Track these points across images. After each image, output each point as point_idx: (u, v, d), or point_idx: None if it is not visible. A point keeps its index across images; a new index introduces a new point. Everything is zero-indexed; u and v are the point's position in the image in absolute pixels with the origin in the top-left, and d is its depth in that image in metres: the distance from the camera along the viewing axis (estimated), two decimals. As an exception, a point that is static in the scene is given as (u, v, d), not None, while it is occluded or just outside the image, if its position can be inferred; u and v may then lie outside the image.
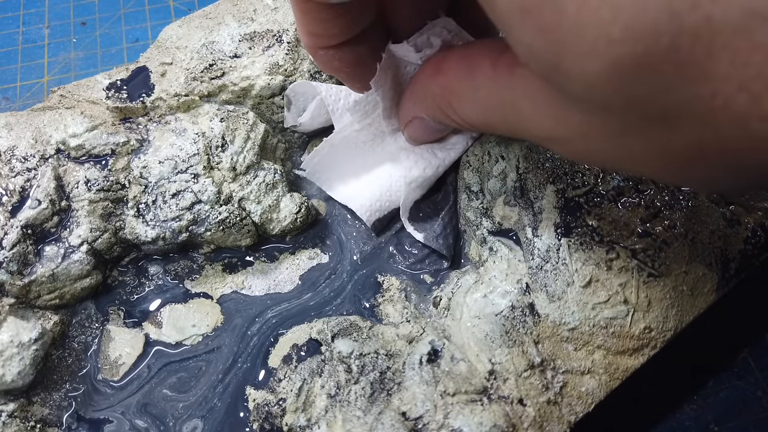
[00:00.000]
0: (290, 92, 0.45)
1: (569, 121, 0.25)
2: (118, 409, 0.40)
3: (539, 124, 0.27)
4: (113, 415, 0.39)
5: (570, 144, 0.26)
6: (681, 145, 0.21)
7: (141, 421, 0.39)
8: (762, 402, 0.45)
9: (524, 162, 0.40)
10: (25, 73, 0.62)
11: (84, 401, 0.40)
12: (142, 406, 0.40)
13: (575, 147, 0.26)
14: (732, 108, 0.18)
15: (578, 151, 0.27)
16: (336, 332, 0.39)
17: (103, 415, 0.39)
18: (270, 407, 0.38)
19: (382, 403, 0.35)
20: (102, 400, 0.40)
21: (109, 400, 0.40)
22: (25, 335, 0.38)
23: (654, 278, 0.36)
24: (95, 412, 0.39)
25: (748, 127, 0.19)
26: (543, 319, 0.37)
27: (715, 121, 0.19)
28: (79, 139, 0.42)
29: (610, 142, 0.24)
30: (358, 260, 0.45)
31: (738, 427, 0.45)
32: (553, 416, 0.35)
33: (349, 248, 0.46)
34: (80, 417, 0.39)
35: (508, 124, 0.29)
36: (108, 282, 0.43)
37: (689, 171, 0.23)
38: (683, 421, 0.45)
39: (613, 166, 0.27)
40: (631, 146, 0.23)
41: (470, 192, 0.43)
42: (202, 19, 0.48)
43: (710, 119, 0.19)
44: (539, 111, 0.26)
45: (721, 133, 0.20)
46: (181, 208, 0.41)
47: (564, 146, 0.27)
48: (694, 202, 0.39)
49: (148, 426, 0.39)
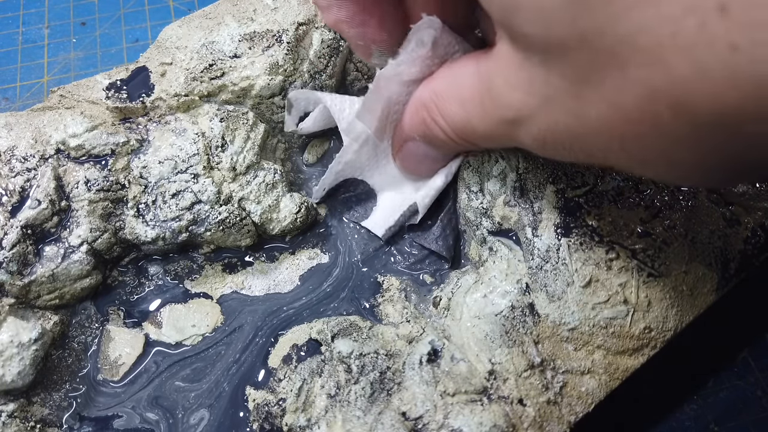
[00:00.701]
0: (292, 97, 0.45)
1: (534, 85, 0.26)
2: (118, 409, 0.40)
3: (511, 101, 0.28)
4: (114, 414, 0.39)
5: (536, 123, 0.27)
6: (632, 99, 0.21)
7: (140, 420, 0.39)
8: (762, 402, 0.45)
9: (524, 162, 0.40)
10: (24, 73, 0.62)
11: (84, 401, 0.40)
12: (142, 406, 0.40)
13: (540, 127, 0.27)
14: (679, 36, 0.18)
15: (544, 135, 0.28)
16: (336, 332, 0.39)
17: (103, 414, 0.39)
18: (270, 407, 0.38)
19: (382, 403, 0.35)
20: (102, 400, 0.40)
21: (109, 401, 0.40)
22: (25, 335, 0.38)
23: (654, 278, 0.36)
24: (99, 411, 0.39)
25: (696, 58, 0.18)
26: (543, 319, 0.37)
27: (663, 56, 0.19)
28: (79, 139, 0.42)
29: (569, 109, 0.25)
30: (358, 260, 0.45)
31: (738, 427, 0.45)
32: (553, 416, 0.35)
33: (348, 248, 0.46)
34: (81, 417, 0.39)
35: (486, 115, 0.30)
36: (108, 282, 0.43)
37: (647, 144, 0.23)
38: (683, 421, 0.45)
39: (575, 150, 0.27)
40: (588, 112, 0.24)
41: (470, 192, 0.43)
42: (202, 19, 0.48)
43: (659, 55, 0.19)
44: (510, 83, 0.27)
45: (671, 73, 0.19)
46: (181, 208, 0.41)
47: (531, 130, 0.28)
48: (694, 202, 0.39)
49: (148, 424, 0.39)
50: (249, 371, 0.40)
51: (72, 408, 0.39)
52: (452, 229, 0.44)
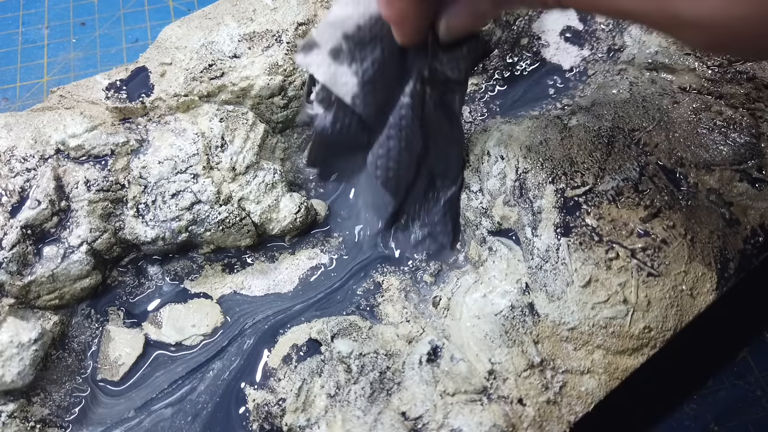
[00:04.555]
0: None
1: None
2: (118, 409, 0.40)
3: None
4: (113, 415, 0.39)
5: None
6: None
7: (138, 419, 0.39)
8: (762, 401, 0.45)
9: (523, 162, 0.40)
10: (24, 74, 0.62)
11: (84, 402, 0.40)
12: (142, 405, 0.40)
13: None
14: None
15: None
16: (336, 332, 0.39)
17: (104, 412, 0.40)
18: (270, 407, 0.38)
19: (381, 403, 0.35)
20: (102, 399, 0.40)
21: (109, 401, 0.40)
22: (25, 336, 0.38)
23: (653, 278, 0.36)
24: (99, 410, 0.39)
25: None
26: (542, 319, 0.37)
27: None
28: (79, 140, 0.42)
29: None
30: (358, 260, 0.45)
31: (738, 427, 0.45)
32: (553, 416, 0.35)
33: (349, 248, 0.46)
34: (81, 417, 0.39)
35: None
36: (108, 282, 0.44)
37: None
38: (683, 421, 0.45)
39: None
40: None
41: (470, 192, 0.43)
42: (202, 19, 0.48)
43: None
44: None
45: None
46: (181, 208, 0.41)
47: None
48: (693, 201, 0.39)
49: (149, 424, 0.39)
50: (249, 371, 0.40)
51: (72, 408, 0.39)
52: (452, 216, 0.44)
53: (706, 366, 0.47)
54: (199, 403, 0.40)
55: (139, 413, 0.39)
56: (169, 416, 0.39)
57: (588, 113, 0.43)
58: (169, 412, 0.39)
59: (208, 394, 0.40)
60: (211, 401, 0.40)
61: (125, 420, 0.39)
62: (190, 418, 0.39)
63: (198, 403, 0.40)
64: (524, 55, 0.54)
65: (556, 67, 0.54)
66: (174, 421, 0.39)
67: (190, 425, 0.39)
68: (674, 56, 0.47)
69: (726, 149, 0.41)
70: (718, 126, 0.42)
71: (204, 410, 0.39)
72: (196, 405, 0.40)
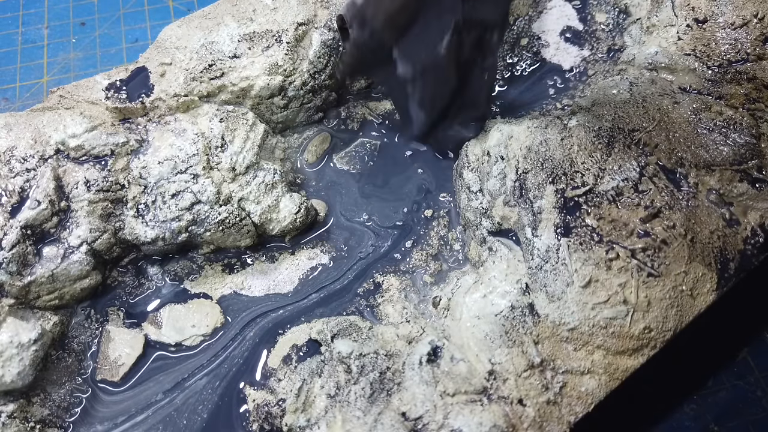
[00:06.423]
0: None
1: None
2: (118, 410, 0.40)
3: None
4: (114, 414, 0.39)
5: None
6: None
7: (139, 419, 0.39)
8: (762, 402, 0.45)
9: (523, 162, 0.40)
10: (24, 74, 0.62)
11: (84, 402, 0.40)
12: (142, 406, 0.40)
13: None
14: None
15: None
16: (336, 332, 0.39)
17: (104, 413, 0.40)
18: (270, 407, 0.38)
19: (381, 404, 0.35)
20: (102, 399, 0.40)
21: (109, 401, 0.40)
22: (25, 336, 0.38)
23: (653, 278, 0.36)
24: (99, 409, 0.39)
25: None
26: (543, 319, 0.37)
27: None
28: (79, 140, 0.42)
29: None
30: (358, 260, 0.45)
31: (738, 427, 0.45)
32: (553, 416, 0.35)
33: (348, 249, 0.46)
34: (81, 417, 0.39)
35: None
36: (107, 282, 0.44)
37: None
38: (683, 421, 0.45)
39: None
40: None
41: (470, 192, 0.43)
42: (202, 19, 0.48)
43: None
44: None
45: None
46: (181, 208, 0.41)
47: None
48: (693, 202, 0.39)
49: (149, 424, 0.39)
50: (249, 371, 0.40)
51: (72, 408, 0.39)
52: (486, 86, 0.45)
53: (706, 366, 0.47)
54: (199, 403, 0.40)
55: (139, 413, 0.39)
56: (169, 416, 0.39)
57: (588, 113, 0.43)
58: (169, 412, 0.39)
59: (208, 395, 0.40)
60: (211, 401, 0.40)
61: (125, 420, 0.39)
62: (190, 419, 0.39)
63: (198, 404, 0.40)
64: (524, 55, 0.54)
65: (556, 67, 0.54)
66: (174, 421, 0.39)
67: (190, 425, 0.39)
68: (674, 56, 0.47)
69: (726, 149, 0.41)
70: (718, 126, 0.42)
71: (204, 410, 0.39)
72: (196, 405, 0.40)
